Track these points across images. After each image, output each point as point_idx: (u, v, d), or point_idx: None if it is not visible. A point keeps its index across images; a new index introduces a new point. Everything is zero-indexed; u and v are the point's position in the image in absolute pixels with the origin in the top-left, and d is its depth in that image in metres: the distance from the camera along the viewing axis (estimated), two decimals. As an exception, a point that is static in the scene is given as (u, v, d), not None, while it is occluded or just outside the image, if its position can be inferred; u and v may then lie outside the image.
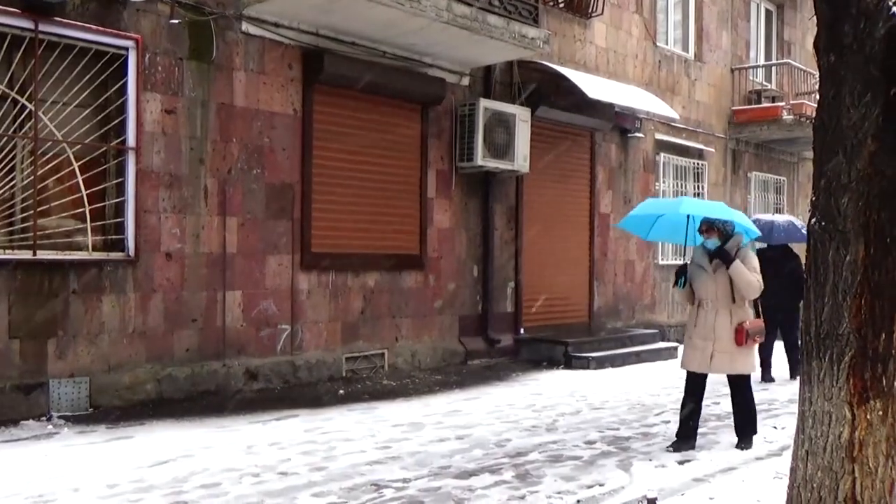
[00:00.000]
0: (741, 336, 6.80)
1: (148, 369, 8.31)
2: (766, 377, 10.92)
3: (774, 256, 10.48)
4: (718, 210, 7.17)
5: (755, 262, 6.90)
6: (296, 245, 9.55)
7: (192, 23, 8.59)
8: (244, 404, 8.50)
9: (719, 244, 6.86)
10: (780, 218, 11.53)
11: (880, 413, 3.89)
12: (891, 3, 3.71)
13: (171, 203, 8.48)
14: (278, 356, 9.40)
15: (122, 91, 8.10)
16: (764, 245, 10.76)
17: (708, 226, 6.91)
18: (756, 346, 7.22)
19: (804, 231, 8.90)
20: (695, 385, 7.15)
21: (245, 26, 9.01)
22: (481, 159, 11.11)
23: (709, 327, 6.88)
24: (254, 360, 9.16)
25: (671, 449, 6.99)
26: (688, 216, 7.32)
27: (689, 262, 7.19)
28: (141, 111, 8.17)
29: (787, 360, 11.06)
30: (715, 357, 6.86)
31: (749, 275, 6.73)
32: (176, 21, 8.36)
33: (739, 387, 7.10)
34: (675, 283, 7.07)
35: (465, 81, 11.51)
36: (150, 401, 8.23)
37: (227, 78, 8.94)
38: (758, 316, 7.12)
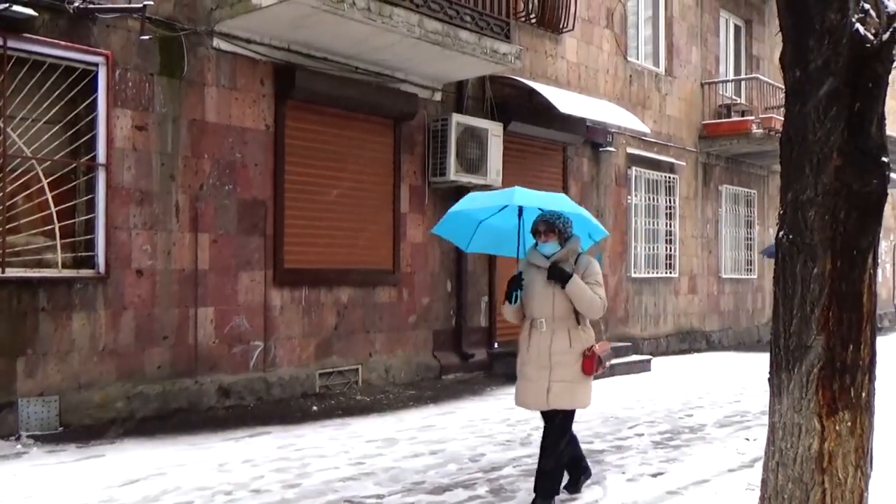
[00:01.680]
0: (591, 364, 5.49)
1: (119, 387, 8.23)
2: None
3: None
4: (558, 204, 5.82)
5: (599, 272, 5.59)
6: (268, 261, 9.52)
7: (163, 39, 8.56)
8: (216, 421, 8.44)
9: (558, 249, 5.54)
10: None
11: (849, 424, 3.92)
12: (854, 20, 3.76)
13: (142, 219, 8.43)
14: (251, 373, 9.35)
15: (93, 107, 8.06)
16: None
17: (547, 226, 5.56)
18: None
19: None
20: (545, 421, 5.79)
21: (216, 42, 9.00)
22: (454, 174, 11.14)
23: (544, 354, 5.48)
24: (226, 377, 9.10)
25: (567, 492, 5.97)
26: (520, 219, 5.92)
27: (522, 271, 5.71)
28: (111, 127, 8.12)
29: None
30: (553, 389, 5.47)
31: (590, 294, 5.43)
32: (146, 37, 8.32)
33: (559, 425, 5.62)
34: (507, 297, 5.61)
35: (438, 97, 11.54)
36: (121, 419, 8.15)
37: (199, 94, 8.91)
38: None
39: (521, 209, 5.94)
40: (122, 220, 8.28)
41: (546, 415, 5.66)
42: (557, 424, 5.60)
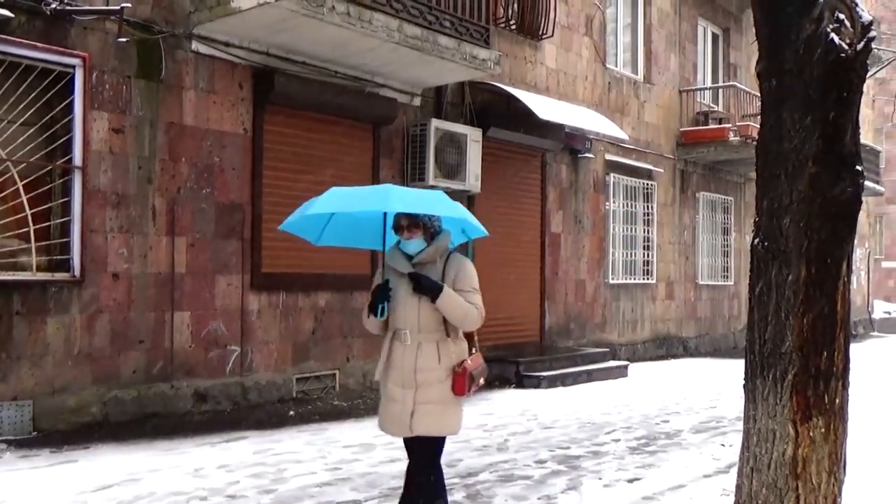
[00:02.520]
0: (462, 383, 4.63)
1: (93, 392, 8.16)
2: None
3: None
4: (431, 200, 4.63)
5: (474, 275, 4.70)
6: (246, 265, 9.48)
7: (141, 41, 8.52)
8: (192, 426, 8.38)
9: (424, 247, 4.64)
10: None
11: (823, 430, 3.95)
12: (829, 30, 3.80)
13: (118, 223, 8.37)
14: (228, 377, 9.30)
15: (69, 109, 7.99)
16: None
17: (410, 220, 4.59)
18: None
19: None
20: (411, 452, 4.82)
21: (195, 45, 8.96)
22: (433, 179, 11.14)
23: (409, 371, 4.62)
24: (202, 382, 9.05)
25: None
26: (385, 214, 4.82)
27: (387, 278, 4.71)
28: (88, 130, 8.06)
29: None
30: (417, 413, 4.58)
31: (464, 305, 4.55)
32: (124, 40, 8.28)
33: (428, 456, 4.72)
34: (372, 310, 4.66)
35: (417, 102, 11.55)
36: (95, 424, 8.08)
37: (177, 97, 8.87)
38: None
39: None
40: (98, 223, 8.22)
41: (409, 445, 4.75)
42: (428, 452, 4.69)
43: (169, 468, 6.75)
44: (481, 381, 4.82)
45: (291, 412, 9.29)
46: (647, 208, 16.58)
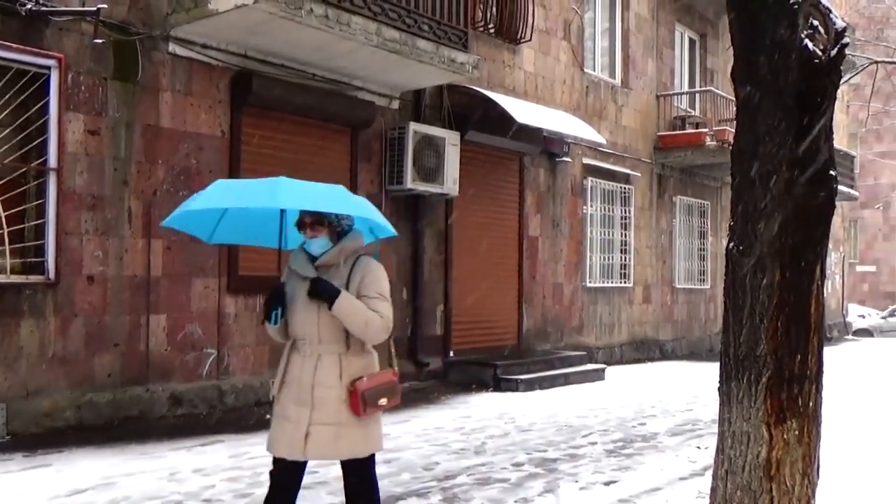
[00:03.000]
0: (356, 403, 4.13)
1: (68, 395, 8.10)
2: None
3: None
4: (326, 196, 4.27)
5: (382, 280, 4.29)
6: (222, 268, 9.43)
7: (117, 43, 8.47)
8: (168, 430, 8.33)
9: (329, 247, 4.26)
10: None
11: (796, 433, 3.98)
12: (803, 36, 3.84)
13: (93, 225, 8.31)
14: (204, 381, 9.25)
15: (44, 111, 7.92)
16: None
17: (314, 217, 4.23)
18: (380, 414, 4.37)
19: None
20: (284, 480, 4.31)
21: (172, 47, 8.92)
22: (411, 182, 11.14)
23: (306, 385, 4.16)
24: (178, 385, 9.00)
25: None
26: (283, 213, 4.40)
27: (284, 281, 4.43)
28: (63, 131, 8.00)
29: None
30: (312, 435, 4.10)
31: (365, 313, 4.13)
32: (100, 41, 8.22)
33: (358, 474, 4.32)
34: (266, 317, 4.25)
35: (395, 105, 11.54)
36: (69, 427, 8.01)
37: (153, 99, 8.82)
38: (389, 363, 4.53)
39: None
40: (74, 225, 8.15)
41: (343, 463, 4.30)
42: (358, 471, 4.30)
43: (144, 472, 6.70)
44: (382, 402, 4.24)
45: (268, 415, 9.21)
46: (625, 212, 16.65)
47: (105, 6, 8.10)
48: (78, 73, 8.19)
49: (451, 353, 12.40)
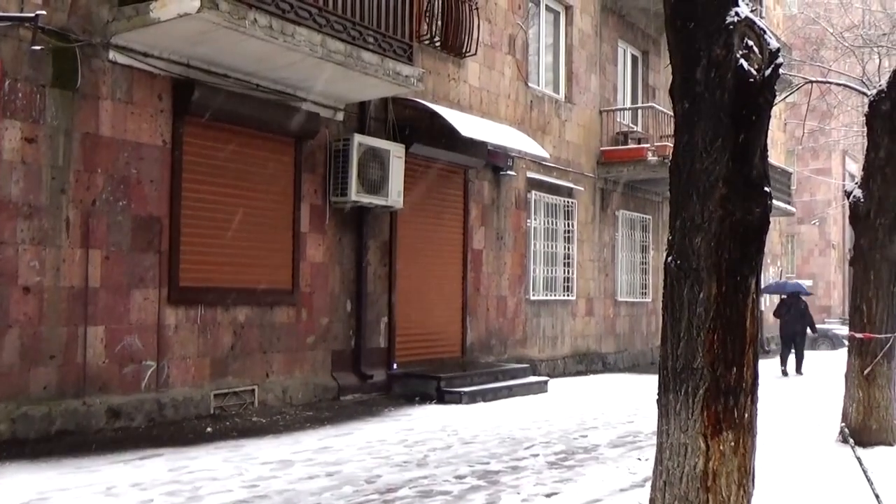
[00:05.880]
0: None
1: (2, 408, 7.89)
2: (784, 373, 17.97)
3: (789, 301, 18.56)
4: None
5: None
6: (163, 279, 9.30)
7: (56, 49, 8.32)
8: (105, 444, 8.17)
9: None
10: (791, 281, 22.48)
11: (732, 444, 4.07)
12: (738, 56, 3.93)
13: (29, 234, 8.14)
14: (143, 393, 9.10)
15: (-21, 117, 7.77)
16: (784, 295, 19.15)
17: None
18: None
19: (803, 286, 20.30)
20: None
21: (112, 55, 8.79)
22: (355, 194, 11.12)
23: None
24: (116, 398, 8.84)
25: None
26: None
27: None
28: (-1, 139, 7.84)
29: (794, 360, 18.34)
30: None
31: None
32: (38, 48, 8.08)
33: None
34: None
35: (340, 116, 11.52)
36: (3, 442, 7.80)
37: (93, 107, 8.68)
38: None
39: None
40: (9, 234, 7.98)
41: None
42: None
43: (80, 487, 6.56)
44: None
45: (209, 428, 9.14)
46: (568, 226, 16.80)
47: (44, 13, 7.94)
48: (15, 80, 8.03)
49: (395, 366, 12.38)
